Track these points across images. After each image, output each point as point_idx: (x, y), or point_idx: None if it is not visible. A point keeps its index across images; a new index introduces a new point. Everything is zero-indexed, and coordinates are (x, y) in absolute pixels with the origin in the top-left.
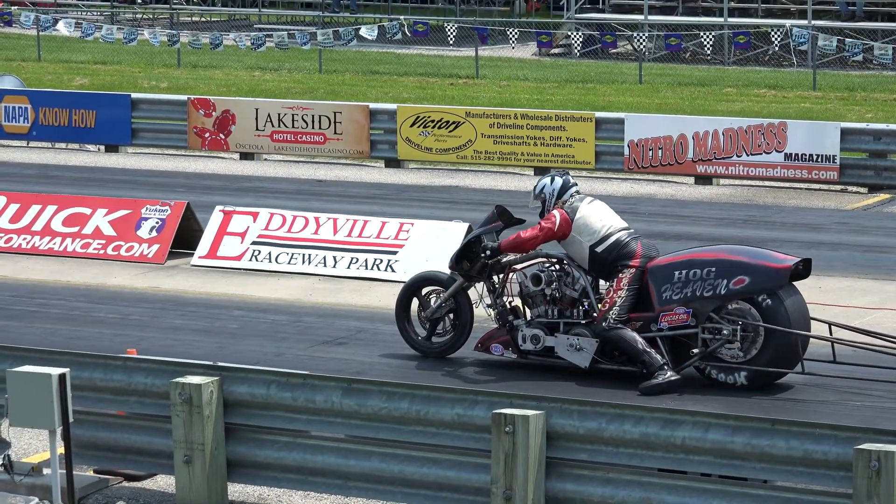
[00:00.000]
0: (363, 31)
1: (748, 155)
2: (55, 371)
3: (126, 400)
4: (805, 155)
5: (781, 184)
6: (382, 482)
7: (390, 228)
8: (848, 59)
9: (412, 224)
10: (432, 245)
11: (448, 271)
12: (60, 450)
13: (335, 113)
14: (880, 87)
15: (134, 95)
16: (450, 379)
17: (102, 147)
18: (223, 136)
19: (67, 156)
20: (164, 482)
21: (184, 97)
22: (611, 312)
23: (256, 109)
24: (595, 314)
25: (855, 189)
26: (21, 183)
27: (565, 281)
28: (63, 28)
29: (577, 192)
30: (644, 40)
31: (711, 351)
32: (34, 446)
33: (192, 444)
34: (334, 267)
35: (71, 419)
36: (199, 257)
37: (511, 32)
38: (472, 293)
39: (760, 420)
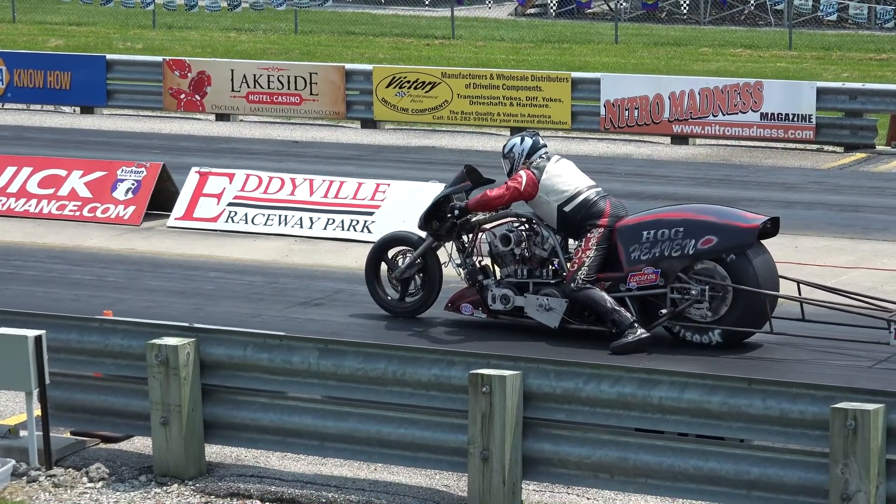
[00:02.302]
0: None
1: (724, 115)
2: (31, 333)
3: (102, 362)
4: (781, 114)
5: (757, 143)
6: (359, 443)
7: (367, 189)
8: (823, 18)
9: (388, 185)
10: (409, 205)
11: (418, 231)
12: (37, 412)
13: (311, 74)
14: (856, 46)
15: (109, 57)
16: (427, 339)
17: (78, 109)
18: (199, 98)
19: (43, 117)
20: (140, 443)
21: (159, 58)
22: (579, 273)
23: (232, 70)
24: (564, 273)
25: (831, 148)
26: None
27: (534, 240)
28: None
29: (546, 153)
30: (620, 0)
31: (680, 311)
32: (10, 408)
33: (168, 406)
34: (311, 228)
35: (47, 381)
36: (175, 219)
37: None
38: (442, 253)
39: (737, 379)
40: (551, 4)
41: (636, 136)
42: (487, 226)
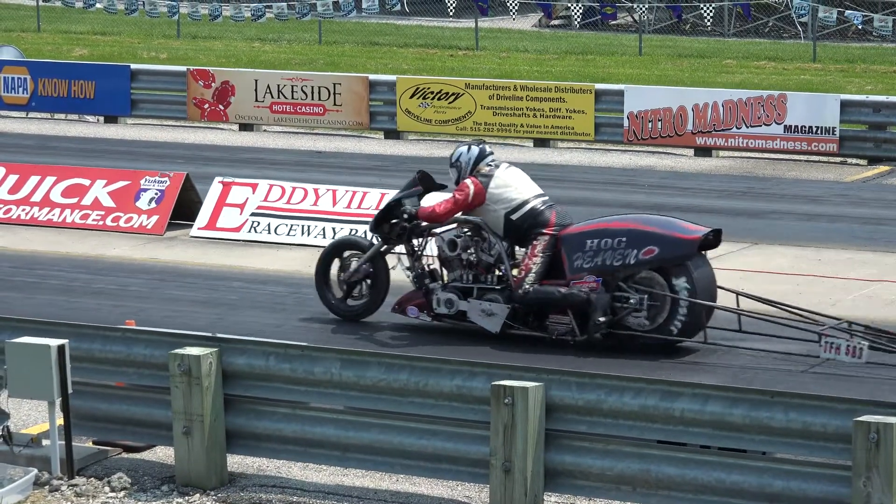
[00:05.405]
0: (363, 2)
1: (748, 127)
2: (54, 342)
3: (125, 371)
4: (804, 127)
5: (781, 156)
6: (381, 454)
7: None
8: (848, 30)
9: None
10: None
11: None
12: (59, 421)
13: (335, 84)
14: (880, 58)
15: (133, 66)
16: (450, 350)
17: (102, 118)
18: (222, 108)
19: (67, 127)
20: (162, 453)
21: (183, 68)
22: (527, 279)
23: (256, 81)
24: (510, 280)
25: (854, 161)
26: (20, 154)
27: (481, 246)
28: None
29: (494, 161)
30: (644, 12)
31: (618, 319)
32: (33, 417)
33: (191, 416)
34: (334, 238)
35: (70, 390)
36: (199, 228)
37: (511, 3)
38: (390, 257)
39: (759, 392)
40: (575, 16)
41: (659, 147)
42: (437, 230)
